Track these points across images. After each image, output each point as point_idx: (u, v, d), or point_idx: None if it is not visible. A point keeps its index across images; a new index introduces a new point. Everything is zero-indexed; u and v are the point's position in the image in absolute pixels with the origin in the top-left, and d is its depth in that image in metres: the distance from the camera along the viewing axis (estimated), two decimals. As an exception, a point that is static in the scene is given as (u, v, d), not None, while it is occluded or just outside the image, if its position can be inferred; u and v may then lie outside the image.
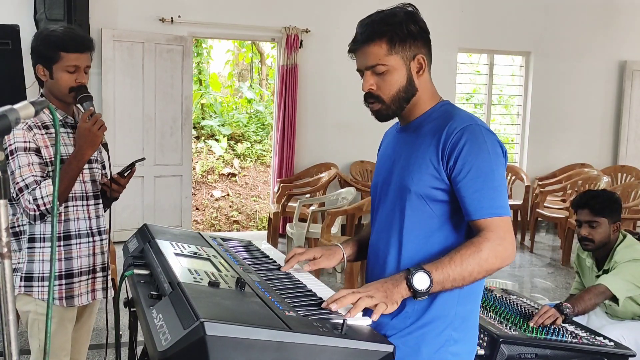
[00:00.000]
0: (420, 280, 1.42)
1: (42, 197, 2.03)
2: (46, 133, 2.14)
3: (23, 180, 2.05)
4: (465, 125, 1.50)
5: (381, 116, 1.62)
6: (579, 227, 3.06)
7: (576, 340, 2.37)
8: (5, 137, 1.10)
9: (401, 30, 1.53)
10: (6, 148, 2.06)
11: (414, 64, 1.57)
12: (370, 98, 1.60)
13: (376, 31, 1.54)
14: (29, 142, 2.08)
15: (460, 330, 1.56)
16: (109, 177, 2.34)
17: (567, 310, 2.55)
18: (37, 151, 2.10)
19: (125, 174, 2.31)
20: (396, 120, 1.69)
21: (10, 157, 2.06)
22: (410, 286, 1.42)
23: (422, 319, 1.54)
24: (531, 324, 2.42)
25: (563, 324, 2.53)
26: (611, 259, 2.98)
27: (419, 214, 1.55)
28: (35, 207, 2.04)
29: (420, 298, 1.44)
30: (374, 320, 1.40)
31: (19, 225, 2.16)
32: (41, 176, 2.07)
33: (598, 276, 3.03)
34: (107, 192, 2.31)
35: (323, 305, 1.42)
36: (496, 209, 1.47)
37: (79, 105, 2.26)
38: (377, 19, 1.56)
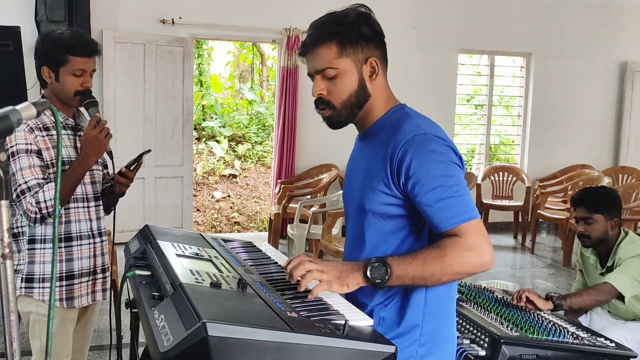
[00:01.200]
0: (379, 271, 1.40)
1: (44, 201, 2.03)
2: (47, 135, 2.14)
3: (25, 182, 2.05)
4: (409, 138, 1.44)
5: (333, 123, 1.54)
6: (577, 224, 3.10)
7: (577, 341, 2.37)
8: (7, 138, 1.10)
9: (352, 32, 1.46)
10: (8, 149, 2.07)
11: (366, 68, 1.50)
12: (320, 104, 1.52)
13: (326, 32, 1.47)
14: (30, 144, 2.08)
15: (427, 346, 1.52)
16: (114, 173, 2.33)
17: (554, 297, 2.61)
18: (39, 153, 2.10)
19: (132, 167, 2.31)
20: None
21: (11, 159, 2.06)
22: (366, 274, 1.41)
23: (391, 333, 1.50)
24: (515, 301, 2.56)
25: (564, 325, 2.53)
26: (614, 255, 3.00)
27: (378, 230, 1.53)
28: (37, 210, 2.04)
29: (377, 289, 1.42)
30: (310, 298, 1.39)
31: (17, 227, 2.17)
32: (43, 179, 2.07)
33: (602, 274, 3.05)
34: (115, 187, 2.31)
35: (286, 276, 1.46)
36: (460, 216, 1.41)
37: (82, 109, 2.26)
38: (327, 20, 1.49)
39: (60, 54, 2.13)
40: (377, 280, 1.40)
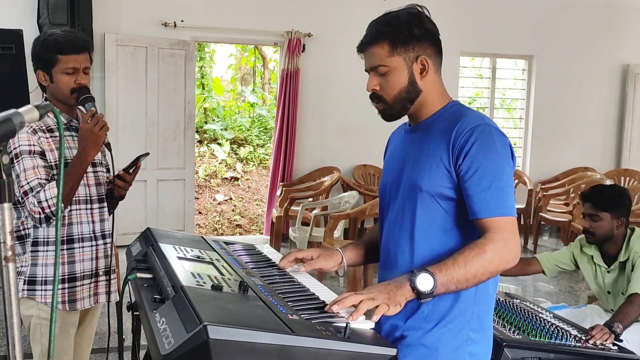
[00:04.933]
0: (424, 282, 1.42)
1: (46, 200, 2.03)
2: (51, 136, 2.15)
3: (28, 183, 2.05)
4: (475, 125, 1.51)
5: (386, 116, 1.65)
6: (583, 219, 3.08)
7: (579, 344, 2.36)
8: (10, 140, 1.11)
9: (402, 33, 1.56)
10: (11, 151, 2.07)
11: (416, 66, 1.59)
12: (374, 98, 1.64)
13: (380, 32, 1.57)
14: (34, 145, 2.09)
15: (477, 330, 1.57)
16: (113, 177, 2.34)
17: (618, 329, 2.56)
18: (42, 154, 2.10)
19: (131, 170, 2.31)
20: (402, 120, 1.71)
21: (15, 161, 2.07)
22: (414, 287, 1.42)
23: (444, 319, 1.54)
24: (590, 342, 2.44)
25: (566, 328, 2.53)
26: (628, 250, 2.98)
27: (431, 212, 1.56)
28: (40, 210, 2.03)
29: (424, 300, 1.44)
30: (373, 321, 1.40)
31: (24, 229, 2.17)
32: (46, 179, 2.07)
33: (610, 271, 3.04)
34: (114, 190, 2.31)
35: (326, 308, 1.42)
36: (502, 209, 1.47)
37: (80, 107, 2.26)
38: (381, 21, 1.59)
39: (50, 55, 2.14)
40: (425, 292, 1.42)
